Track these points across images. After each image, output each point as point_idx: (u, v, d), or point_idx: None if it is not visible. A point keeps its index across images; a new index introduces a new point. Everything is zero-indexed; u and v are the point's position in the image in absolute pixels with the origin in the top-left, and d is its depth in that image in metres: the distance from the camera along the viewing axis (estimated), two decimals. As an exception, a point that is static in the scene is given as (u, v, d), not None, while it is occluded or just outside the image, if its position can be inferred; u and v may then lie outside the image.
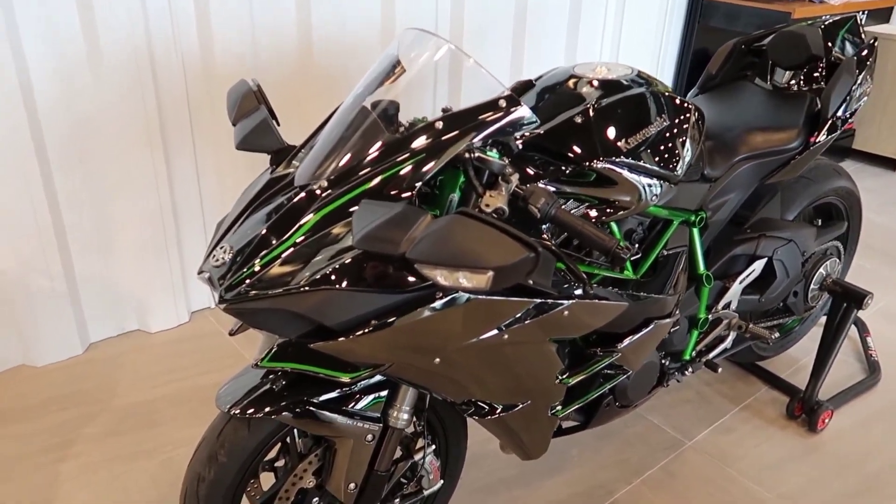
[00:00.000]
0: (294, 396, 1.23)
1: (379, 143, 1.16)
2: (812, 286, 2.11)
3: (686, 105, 1.49)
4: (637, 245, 1.52)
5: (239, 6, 2.28)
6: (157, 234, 2.39)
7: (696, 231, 1.68)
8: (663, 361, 1.78)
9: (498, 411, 1.32)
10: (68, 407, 2.18)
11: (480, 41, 2.97)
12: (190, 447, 2.01)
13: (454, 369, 1.21)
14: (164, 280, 2.47)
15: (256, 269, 1.10)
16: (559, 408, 1.44)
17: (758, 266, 1.86)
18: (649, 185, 1.38)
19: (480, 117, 1.14)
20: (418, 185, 1.11)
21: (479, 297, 1.12)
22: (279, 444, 1.39)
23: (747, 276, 1.84)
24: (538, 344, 1.26)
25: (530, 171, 1.31)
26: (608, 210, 1.36)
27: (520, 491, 1.92)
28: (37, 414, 2.14)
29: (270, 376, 1.26)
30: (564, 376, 1.37)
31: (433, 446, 1.47)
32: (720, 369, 1.87)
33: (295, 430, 1.37)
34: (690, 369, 1.87)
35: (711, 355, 1.89)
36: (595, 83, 1.43)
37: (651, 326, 1.44)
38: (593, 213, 1.34)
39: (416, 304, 1.10)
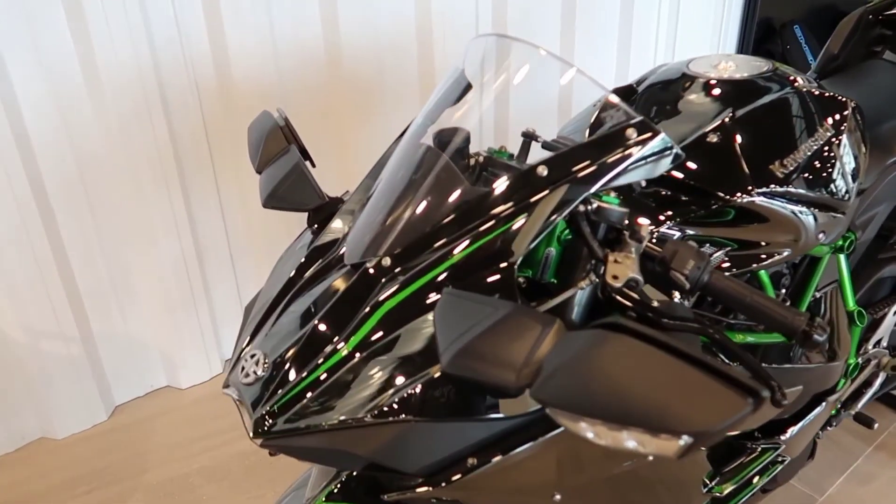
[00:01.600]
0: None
1: (457, 196, 0.83)
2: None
3: (843, 103, 1.13)
4: (783, 292, 1.17)
5: (255, 9, 1.96)
6: (181, 282, 2.10)
7: (842, 258, 1.32)
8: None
9: None
10: (96, 486, 1.92)
11: (525, 33, 2.62)
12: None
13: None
14: (192, 330, 2.19)
15: (301, 392, 0.78)
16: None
17: (914, 293, 1.50)
18: (811, 218, 1.03)
19: (603, 156, 0.81)
20: (519, 258, 0.79)
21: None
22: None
23: (902, 306, 1.48)
24: (693, 463, 0.93)
25: (648, 214, 0.97)
26: (758, 256, 1.01)
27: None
28: (61, 497, 1.87)
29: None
30: (714, 483, 1.03)
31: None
32: (877, 425, 1.51)
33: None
34: (834, 424, 1.52)
35: (861, 404, 1.53)
36: (720, 86, 1.08)
37: (821, 407, 1.09)
38: (737, 262, 1.00)
39: (528, 431, 0.78)
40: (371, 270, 0.82)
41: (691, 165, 0.99)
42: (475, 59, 0.93)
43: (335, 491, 0.87)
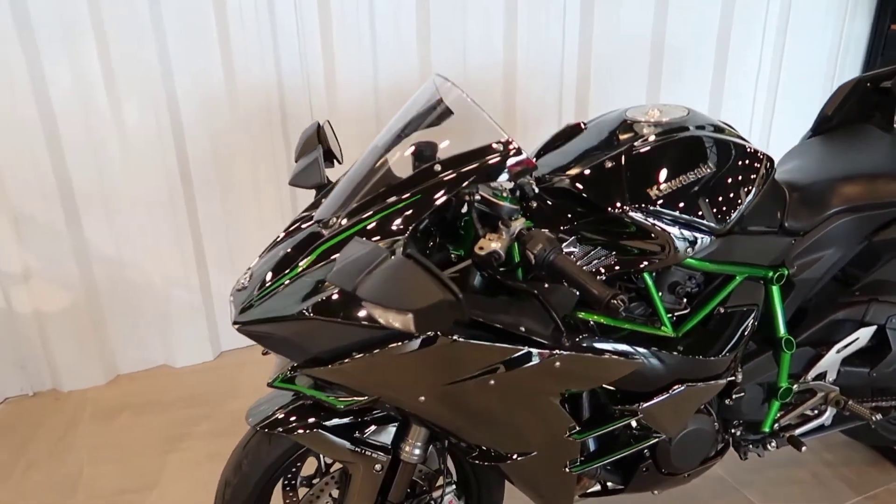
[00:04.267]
0: (311, 419, 1.31)
1: (385, 185, 1.22)
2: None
3: (746, 151, 1.37)
4: (684, 300, 1.41)
5: (361, 51, 2.47)
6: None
7: (775, 289, 1.52)
8: (734, 431, 1.61)
9: (499, 458, 1.30)
10: (191, 406, 2.46)
11: (608, 80, 2.91)
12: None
13: (443, 409, 1.22)
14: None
15: (264, 295, 1.20)
16: (578, 464, 1.37)
17: (863, 334, 1.62)
18: (684, 236, 1.28)
19: (475, 162, 1.16)
20: (411, 226, 1.15)
21: (457, 339, 1.12)
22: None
23: (848, 344, 1.61)
24: (536, 395, 1.22)
25: (556, 218, 1.29)
26: (637, 262, 1.28)
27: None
28: (165, 409, 2.44)
29: (299, 400, 1.35)
30: (575, 431, 1.31)
31: (453, 486, 1.46)
32: (804, 448, 1.64)
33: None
34: (774, 443, 1.67)
35: (800, 431, 1.67)
36: (636, 127, 1.37)
37: (680, 389, 1.32)
38: (619, 263, 1.28)
39: (395, 340, 1.13)
40: (326, 225, 1.23)
41: (588, 182, 1.29)
42: (428, 92, 1.31)
43: (284, 375, 1.27)
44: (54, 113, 2.23)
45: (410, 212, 1.15)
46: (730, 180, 1.33)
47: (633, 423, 1.39)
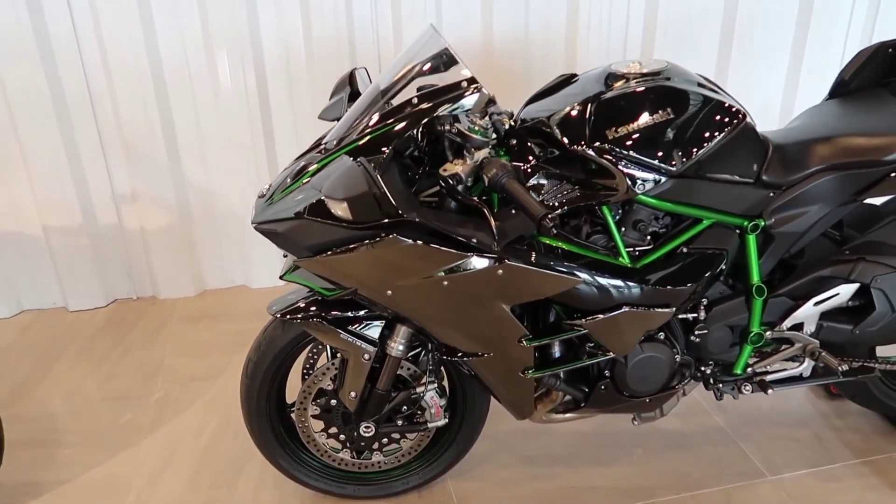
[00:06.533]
0: (314, 310, 1.58)
1: (377, 114, 1.44)
2: (961, 335, 1.78)
3: (713, 102, 1.47)
4: (648, 238, 1.55)
5: (425, 11, 2.69)
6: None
7: (751, 238, 1.61)
8: (705, 369, 1.73)
9: (459, 354, 1.51)
10: (258, 320, 2.81)
11: (675, 50, 2.95)
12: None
13: (408, 305, 1.44)
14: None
15: (274, 201, 1.48)
16: (532, 371, 1.56)
17: (844, 290, 1.67)
18: (636, 175, 1.42)
19: (446, 95, 1.36)
20: (391, 146, 1.37)
21: (409, 241, 1.34)
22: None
23: (827, 298, 1.67)
24: (486, 300, 1.42)
25: (531, 155, 1.47)
26: (593, 195, 1.44)
27: (562, 469, 2.01)
28: (236, 321, 2.83)
29: (307, 297, 1.62)
30: (527, 337, 1.49)
31: (434, 384, 1.69)
32: (770, 391, 1.72)
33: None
34: (749, 387, 1.77)
35: (774, 377, 1.75)
36: (614, 78, 1.51)
37: (623, 311, 1.47)
38: (579, 197, 1.44)
39: (365, 239, 1.37)
40: (327, 146, 1.48)
41: (558, 123, 1.45)
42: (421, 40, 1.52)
43: (291, 269, 1.55)
44: (161, 63, 2.63)
45: (389, 134, 1.38)
46: (689, 127, 1.44)
47: (590, 343, 1.56)
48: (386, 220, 1.33)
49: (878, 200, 1.76)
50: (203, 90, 2.69)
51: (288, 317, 1.59)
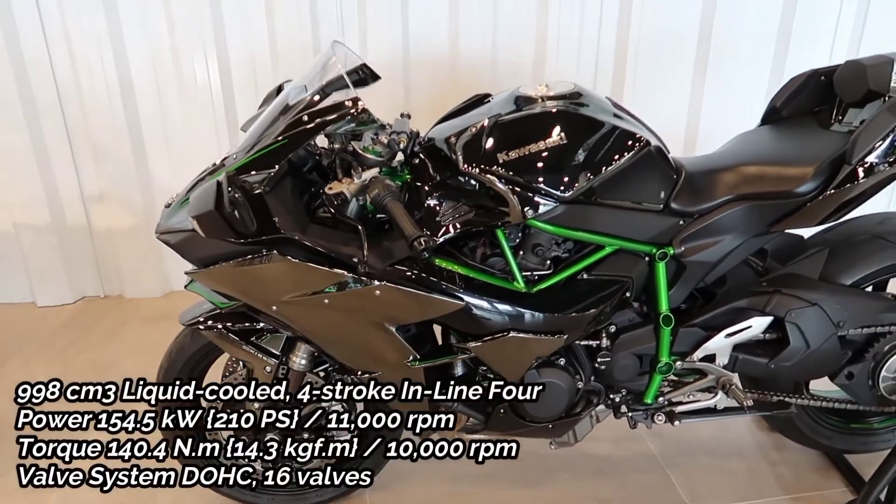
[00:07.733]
0: (220, 323, 1.60)
1: (273, 131, 1.45)
2: (885, 374, 1.73)
3: (612, 130, 1.45)
4: (548, 262, 1.53)
5: (391, 27, 2.71)
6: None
7: (660, 266, 1.58)
8: (614, 397, 1.70)
9: (359, 372, 1.52)
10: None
11: (648, 68, 2.92)
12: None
13: (294, 321, 1.45)
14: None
15: (174, 211, 1.50)
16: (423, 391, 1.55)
17: (757, 323, 1.63)
18: (524, 199, 1.40)
19: (331, 115, 1.36)
20: (276, 167, 1.38)
21: (288, 258, 1.35)
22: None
23: (739, 330, 1.63)
24: (367, 320, 1.43)
25: (430, 175, 1.47)
26: (484, 218, 1.43)
27: (484, 489, 1.99)
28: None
29: (217, 308, 1.63)
30: (412, 360, 1.49)
31: (337, 400, 1.69)
32: (677, 423, 1.69)
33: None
34: (662, 417, 1.74)
35: (685, 409, 1.72)
36: (518, 101, 1.50)
37: (509, 336, 1.45)
38: (472, 219, 1.43)
39: (247, 254, 1.38)
40: (224, 162, 1.50)
41: (455, 145, 1.44)
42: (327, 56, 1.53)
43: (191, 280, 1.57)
44: (129, 64, 2.69)
45: (277, 152, 1.39)
46: (582, 153, 1.42)
47: (482, 367, 1.55)
48: (264, 237, 1.34)
49: (808, 232, 1.73)
50: (169, 92, 2.74)
51: (195, 327, 1.61)
